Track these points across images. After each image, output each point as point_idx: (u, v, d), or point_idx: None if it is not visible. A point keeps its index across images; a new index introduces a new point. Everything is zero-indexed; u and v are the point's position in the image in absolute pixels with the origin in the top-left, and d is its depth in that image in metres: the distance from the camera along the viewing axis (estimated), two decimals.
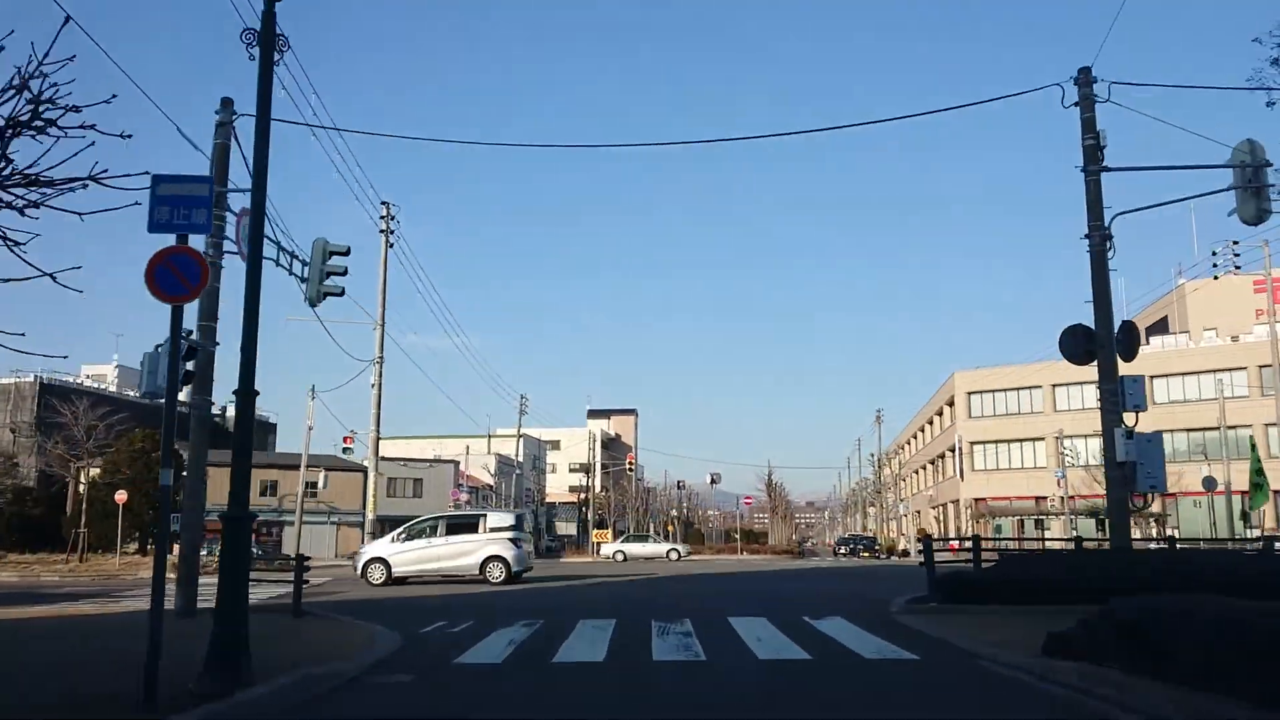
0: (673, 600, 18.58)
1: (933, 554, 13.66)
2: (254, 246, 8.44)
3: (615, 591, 21.79)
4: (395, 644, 11.10)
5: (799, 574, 31.34)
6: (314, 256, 19.09)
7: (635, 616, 14.11)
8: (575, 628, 12.34)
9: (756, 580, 27.00)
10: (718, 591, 21.07)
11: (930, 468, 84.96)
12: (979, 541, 14.92)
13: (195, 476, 15.42)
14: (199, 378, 15.35)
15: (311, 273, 19.04)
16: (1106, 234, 15.16)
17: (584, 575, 31.19)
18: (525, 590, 22.33)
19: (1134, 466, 14.34)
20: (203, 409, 15.43)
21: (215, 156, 16.11)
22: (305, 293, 19.08)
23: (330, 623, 13.47)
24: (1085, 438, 61.52)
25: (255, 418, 8.47)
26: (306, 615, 14.18)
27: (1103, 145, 15.32)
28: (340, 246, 19.30)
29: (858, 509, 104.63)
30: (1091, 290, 15.25)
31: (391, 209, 37.24)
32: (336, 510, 59.91)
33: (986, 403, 70.14)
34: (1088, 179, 15.37)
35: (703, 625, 12.51)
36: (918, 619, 12.53)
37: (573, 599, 19.39)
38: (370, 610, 16.30)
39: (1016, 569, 13.96)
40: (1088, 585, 13.12)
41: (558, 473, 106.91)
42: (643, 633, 11.86)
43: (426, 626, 12.97)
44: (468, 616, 14.29)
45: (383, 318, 36.85)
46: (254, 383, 8.16)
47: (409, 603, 18.47)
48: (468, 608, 16.83)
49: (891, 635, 11.00)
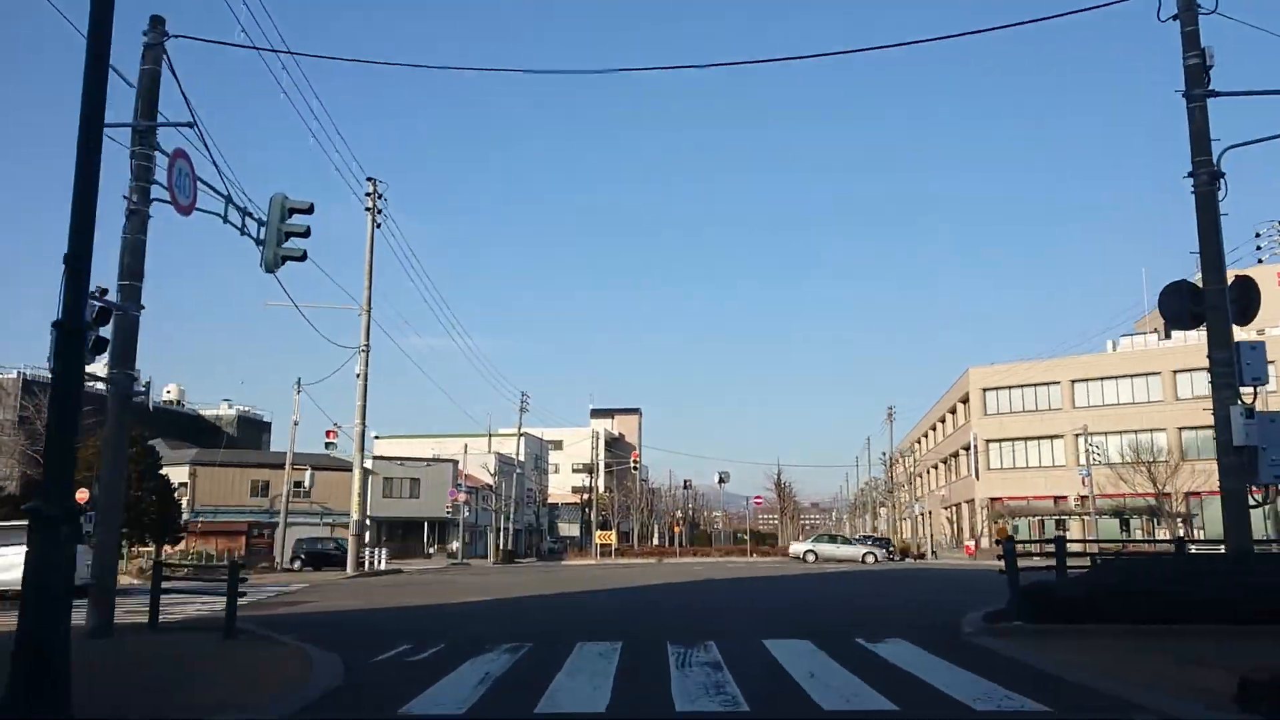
0: (688, 614, 15.92)
1: (1016, 560, 11.00)
2: (90, 89, 5.77)
3: (619, 603, 19.12)
4: (333, 679, 8.49)
5: (821, 579, 28.61)
6: (271, 214, 16.37)
7: (645, 637, 11.47)
8: (570, 655, 9.69)
9: (777, 587, 24.29)
10: (738, 602, 18.34)
11: (943, 467, 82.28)
12: (1064, 545, 12.25)
13: (112, 469, 12.76)
14: (119, 348, 12.75)
15: (269, 233, 16.33)
16: (1216, 171, 12.51)
17: (583, 581, 28.51)
18: (503, 602, 19.72)
19: (1255, 452, 11.67)
20: (123, 385, 12.79)
21: (142, 86, 13.49)
22: (261, 256, 16.45)
23: (264, 646, 10.84)
24: (1106, 435, 59.11)
25: (85, 361, 5.77)
26: (241, 635, 11.57)
27: (1209, 65, 12.68)
28: (302, 203, 16.61)
29: (867, 509, 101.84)
30: (1198, 239, 12.60)
31: (378, 186, 34.72)
32: (330, 511, 57.30)
33: (1003, 399, 67.56)
34: (1191, 105, 12.73)
35: (733, 651, 9.85)
36: (1006, 643, 9.86)
37: (570, 613, 16.74)
38: (326, 628, 13.68)
39: (1115, 579, 11.28)
40: (1207, 597, 10.51)
41: (560, 473, 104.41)
42: (657, 662, 9.22)
43: (385, 652, 10.32)
44: (441, 638, 11.65)
45: (369, 302, 34.34)
46: (84, 313, 5.53)
47: (378, 619, 15.82)
48: (446, 625, 14.21)
49: (989, 670, 8.32)
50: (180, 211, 13.73)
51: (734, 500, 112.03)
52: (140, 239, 13.09)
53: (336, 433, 38.04)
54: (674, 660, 9.27)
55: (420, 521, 65.04)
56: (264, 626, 13.10)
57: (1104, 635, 10.06)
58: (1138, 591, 10.75)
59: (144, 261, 13.16)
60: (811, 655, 9.54)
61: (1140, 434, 57.78)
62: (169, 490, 41.66)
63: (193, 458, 57.28)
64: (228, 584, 11.57)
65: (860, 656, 9.43)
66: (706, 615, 15.59)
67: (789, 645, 10.34)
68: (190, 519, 54.87)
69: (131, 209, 13.07)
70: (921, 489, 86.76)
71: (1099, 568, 12.14)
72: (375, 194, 34.58)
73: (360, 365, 33.64)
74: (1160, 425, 58.98)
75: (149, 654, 10.31)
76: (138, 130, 13.21)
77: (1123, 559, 15.01)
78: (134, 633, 12.38)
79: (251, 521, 56.98)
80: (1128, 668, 8.04)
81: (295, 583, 27.97)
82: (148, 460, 40.00)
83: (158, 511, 40.00)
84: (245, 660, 9.75)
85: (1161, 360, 60.59)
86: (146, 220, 13.19)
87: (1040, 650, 9.24)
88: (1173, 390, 60.03)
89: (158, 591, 12.79)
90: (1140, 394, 61.41)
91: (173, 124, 13.52)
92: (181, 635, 12.05)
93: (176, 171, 13.44)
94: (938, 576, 30.12)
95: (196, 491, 57.05)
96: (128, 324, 12.81)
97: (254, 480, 58.60)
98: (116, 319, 12.64)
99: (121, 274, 12.91)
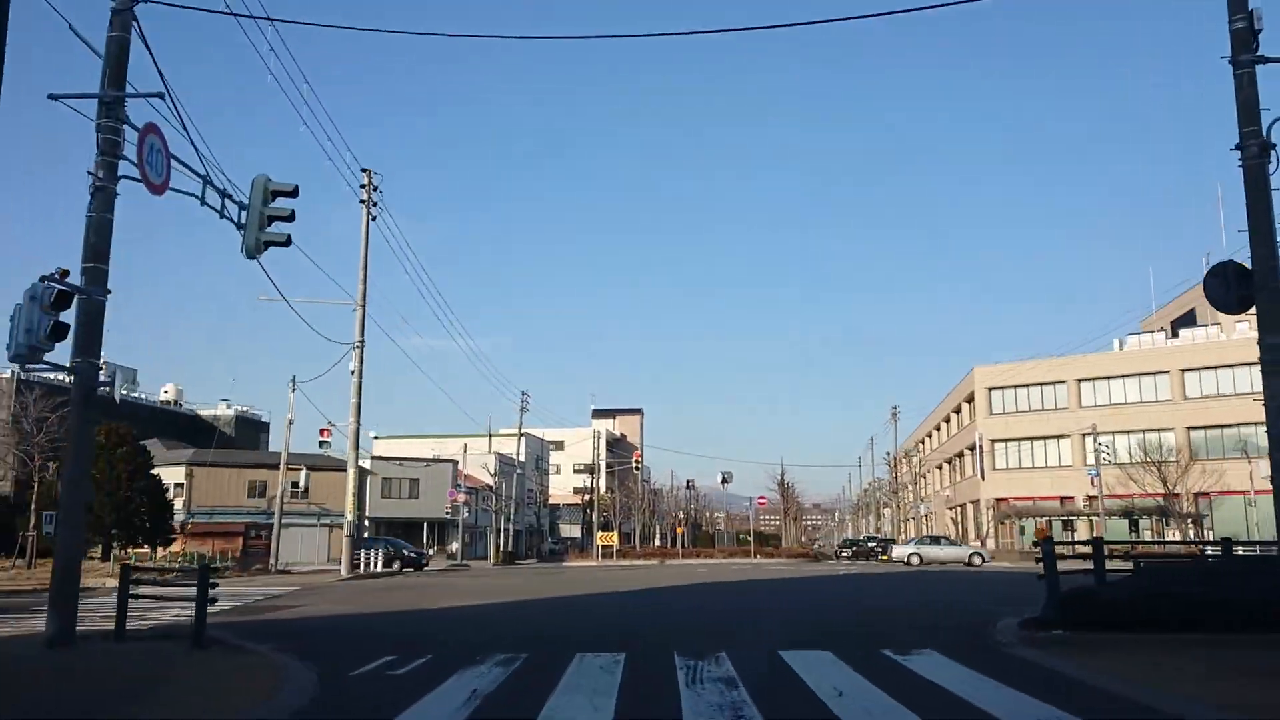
0: (695, 620, 14.95)
1: (1056, 563, 10.06)
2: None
3: (621, 608, 18.19)
4: (304, 697, 7.58)
5: (831, 581, 27.65)
6: (253, 197, 15.42)
7: (650, 646, 10.56)
8: (569, 668, 8.77)
9: (787, 590, 23.33)
10: (747, 607, 17.36)
11: (947, 467, 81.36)
12: (1102, 546, 11.27)
13: (76, 464, 11.82)
14: (83, 334, 11.83)
15: (250, 217, 15.36)
16: (1266, 144, 11.57)
17: (584, 584, 27.58)
18: (498, 607, 18.81)
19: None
20: (87, 375, 11.86)
21: (110, 54, 12.55)
22: (243, 241, 15.53)
23: (234, 657, 9.91)
24: (1114, 434, 58.15)
25: None
26: (213, 645, 10.64)
27: (1257, 29, 11.77)
28: (285, 185, 15.67)
29: (871, 510, 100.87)
30: (1247, 217, 11.66)
31: (373, 178, 33.79)
32: (328, 512, 56.38)
33: (1008, 398, 66.63)
34: (1238, 73, 11.80)
35: (748, 665, 8.93)
36: (1051, 655, 8.93)
37: (569, 619, 15.82)
38: (308, 635, 12.78)
39: (1163, 583, 10.34)
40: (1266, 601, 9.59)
41: (561, 474, 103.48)
42: (664, 677, 8.30)
43: (366, 664, 9.39)
44: (429, 647, 10.73)
45: (363, 297, 33.41)
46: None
47: (365, 625, 14.89)
48: (436, 632, 13.31)
49: (1040, 688, 7.37)
50: (152, 190, 12.82)
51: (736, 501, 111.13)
52: (106, 218, 12.16)
53: (330, 431, 37.13)
54: (683, 675, 8.34)
55: (419, 522, 64.13)
56: (243, 634, 12.19)
57: (1159, 648, 9.11)
58: (1186, 596, 9.82)
59: (110, 242, 12.24)
60: (835, 668, 8.61)
61: (1148, 434, 56.84)
62: (161, 490, 40.71)
63: (189, 458, 56.37)
64: (197, 588, 10.63)
65: (890, 671, 8.49)
66: (715, 621, 14.65)
67: (808, 657, 9.41)
68: (187, 520, 53.99)
69: (97, 185, 12.15)
70: (926, 489, 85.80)
71: (1142, 570, 11.20)
72: (370, 186, 33.66)
73: (354, 361, 32.72)
74: (1168, 425, 58.10)
75: (103, 666, 9.40)
76: (104, 101, 12.28)
77: (1167, 561, 14.02)
78: (99, 641, 11.47)
79: (249, 523, 56.03)
80: (1192, 684, 7.15)
81: (285, 586, 27.05)
82: (138, 460, 39.10)
83: (149, 512, 39.09)
84: (209, 674, 8.83)
85: (1170, 359, 59.70)
86: (113, 198, 12.26)
87: (1092, 663, 8.31)
88: (1181, 389, 59.14)
89: (125, 597, 11.86)
90: (1148, 393, 60.48)
91: (141, 94, 12.60)
92: (148, 644, 11.13)
93: (147, 147, 12.52)
94: (948, 578, 29.17)
95: (193, 492, 56.18)
96: (92, 309, 11.88)
97: (251, 481, 57.66)
98: (80, 304, 11.72)
99: (86, 255, 11.98)
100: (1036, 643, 9.71)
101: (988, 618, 12.63)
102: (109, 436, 39.03)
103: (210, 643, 10.71)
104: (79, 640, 11.22)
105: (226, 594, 23.11)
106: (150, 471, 40.17)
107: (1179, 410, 58.44)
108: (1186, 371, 58.93)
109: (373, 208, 33.76)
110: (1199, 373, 58.83)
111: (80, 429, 11.92)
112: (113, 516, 37.25)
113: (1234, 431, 55.87)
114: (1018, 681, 7.66)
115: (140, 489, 38.25)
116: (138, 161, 12.32)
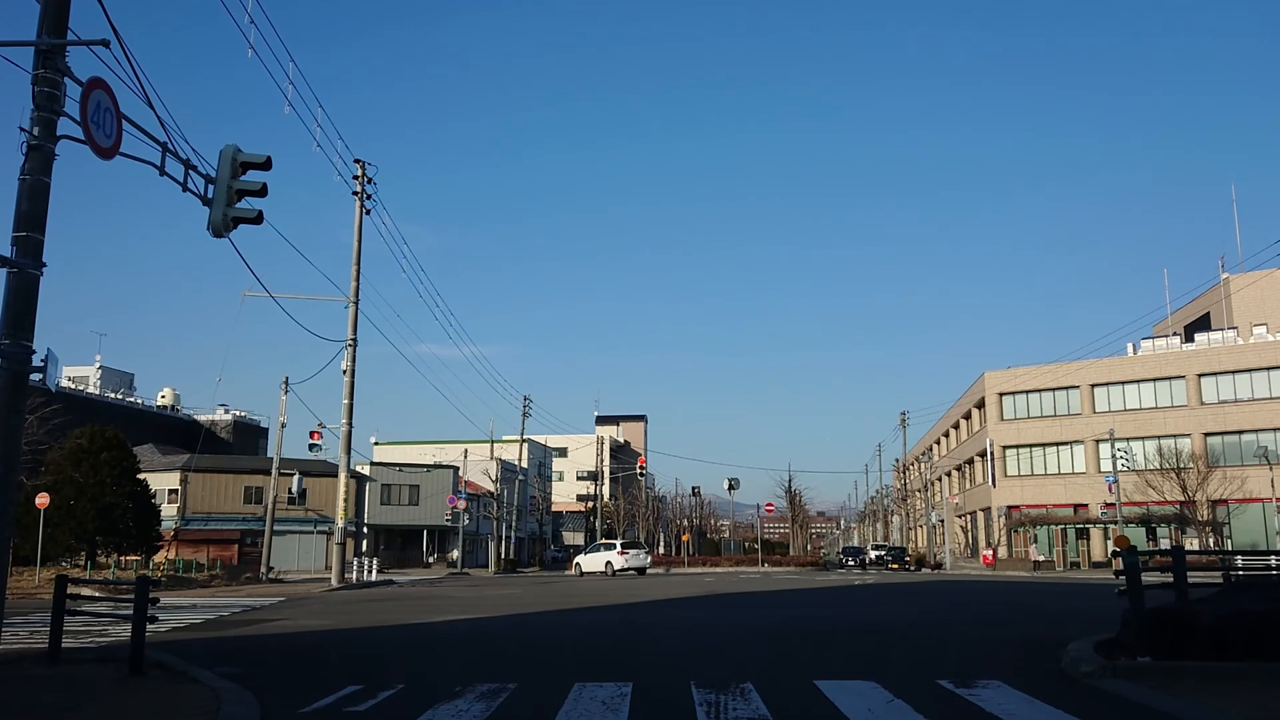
0: (709, 638, 13.32)
1: (1141, 579, 8.51)
2: None
3: (627, 623, 16.60)
4: None
5: (849, 592, 26.01)
6: (221, 169, 13.94)
7: (662, 673, 9.04)
8: (565, 705, 7.25)
9: (804, 602, 21.68)
10: (766, 624, 15.63)
11: (956, 474, 79.71)
12: (1183, 558, 9.66)
13: (3, 460, 10.32)
14: (12, 313, 10.35)
15: (218, 191, 13.86)
16: None
17: (586, 595, 26.01)
18: (492, 621, 17.26)
19: None
20: (16, 358, 10.37)
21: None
22: (209, 217, 14.06)
23: (168, 687, 8.35)
24: (1129, 440, 56.46)
25: None
26: (154, 669, 9.13)
27: None
28: (257, 157, 14.21)
29: (878, 517, 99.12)
30: None
31: (367, 169, 32.35)
32: (325, 519, 54.89)
33: (1020, 404, 65.06)
34: None
35: (780, 699, 7.39)
36: (1149, 691, 7.37)
37: (569, 636, 14.22)
38: (270, 657, 11.28)
39: (1262, 603, 8.77)
40: None
41: (565, 480, 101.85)
42: (681, 714, 6.78)
43: (324, 696, 7.86)
44: (403, 674, 9.22)
45: (356, 294, 31.94)
46: None
47: (338, 644, 13.30)
48: (416, 654, 11.78)
49: None
50: (99, 154, 11.31)
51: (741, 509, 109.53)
52: (43, 181, 10.67)
53: (321, 434, 35.54)
54: (703, 715, 6.81)
55: (419, 530, 62.57)
56: (196, 655, 10.65)
57: (1271, 680, 7.57)
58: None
59: (47, 209, 10.75)
60: (887, 708, 7.07)
61: (1163, 440, 55.32)
62: (147, 496, 39.23)
63: (183, 463, 54.92)
64: (134, 605, 9.11)
65: (956, 710, 6.96)
66: (731, 640, 13.02)
67: (850, 689, 7.86)
68: (181, 526, 52.51)
69: (32, 144, 10.65)
70: (935, 496, 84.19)
71: (1236, 587, 9.65)
72: (364, 177, 32.23)
73: (346, 360, 31.23)
74: (1184, 431, 56.59)
75: (13, 696, 7.90)
76: (41, 50, 10.83)
77: (1266, 576, 12.40)
78: (27, 665, 9.96)
79: (245, 530, 54.59)
80: None
81: (271, 597, 25.54)
82: (124, 464, 37.63)
83: (135, 518, 37.62)
84: (123, 713, 7.30)
85: (1185, 363, 58.17)
86: (50, 159, 10.76)
87: (1206, 705, 6.77)
88: (1197, 394, 57.63)
89: (60, 612, 10.37)
90: (1163, 398, 58.92)
91: (84, 42, 11.10)
92: (80, 669, 9.62)
93: (93, 104, 10.99)
94: (971, 589, 27.53)
95: (188, 498, 54.75)
96: (25, 284, 10.40)
97: (248, 487, 56.26)
98: (10, 278, 10.26)
99: (17, 223, 10.50)
100: (1122, 672, 8.14)
101: (1045, 638, 11.10)
102: (93, 439, 37.62)
103: (151, 667, 9.22)
104: (2, 662, 9.75)
105: (205, 605, 21.69)
106: (137, 476, 38.73)
107: (1195, 416, 56.92)
108: (1203, 376, 57.41)
109: (366, 200, 32.35)
110: (1215, 377, 57.30)
111: (7, 419, 10.42)
112: (96, 523, 35.77)
113: (1252, 438, 54.33)
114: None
115: (125, 494, 36.78)
116: (81, 120, 10.86)
